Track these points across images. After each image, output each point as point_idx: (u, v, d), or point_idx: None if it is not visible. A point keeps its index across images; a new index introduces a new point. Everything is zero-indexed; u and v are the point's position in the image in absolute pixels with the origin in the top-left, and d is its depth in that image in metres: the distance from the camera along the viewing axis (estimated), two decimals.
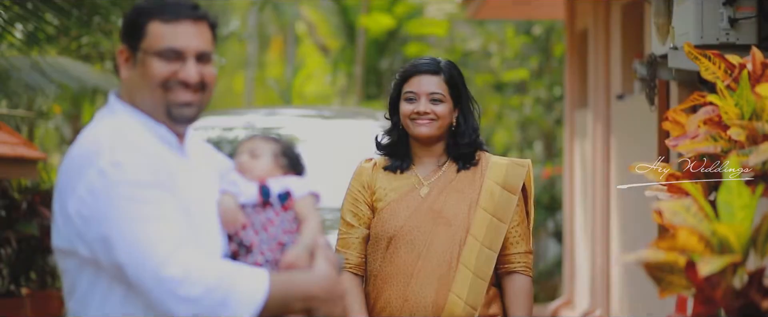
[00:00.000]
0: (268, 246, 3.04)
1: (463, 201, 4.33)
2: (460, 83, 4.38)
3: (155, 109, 3.05)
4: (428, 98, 4.32)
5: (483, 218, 4.31)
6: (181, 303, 2.82)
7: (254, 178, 3.17)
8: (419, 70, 4.37)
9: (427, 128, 4.32)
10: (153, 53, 3.03)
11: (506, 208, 4.33)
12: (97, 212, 2.87)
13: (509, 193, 4.35)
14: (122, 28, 3.06)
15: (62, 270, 3.02)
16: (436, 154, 4.41)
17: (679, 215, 2.72)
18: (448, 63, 4.41)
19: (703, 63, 3.43)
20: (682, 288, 2.74)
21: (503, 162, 4.40)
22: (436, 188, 4.35)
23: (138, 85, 3.05)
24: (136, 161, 2.91)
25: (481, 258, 4.29)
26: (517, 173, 4.38)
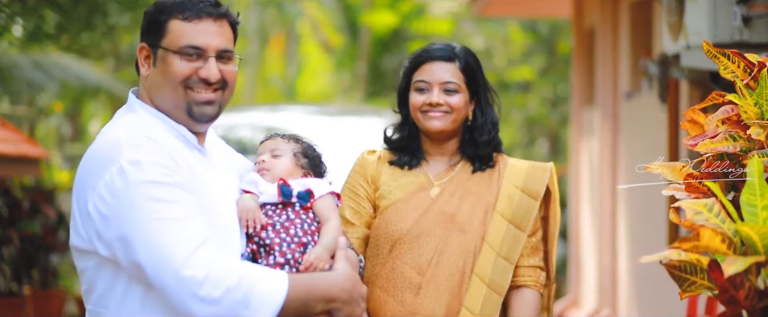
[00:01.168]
0: (289, 246, 3.02)
1: (478, 205, 3.92)
2: (477, 71, 3.95)
3: (176, 107, 3.03)
4: (441, 87, 3.88)
5: (500, 226, 3.91)
6: (201, 303, 2.80)
7: (274, 178, 3.14)
8: (432, 56, 3.93)
9: (439, 121, 3.88)
10: (174, 51, 3.01)
11: (526, 215, 3.93)
12: (117, 211, 2.84)
13: (530, 198, 3.95)
14: (143, 26, 3.04)
15: (80, 270, 2.99)
16: (449, 152, 3.99)
17: (702, 214, 2.69)
18: (464, 49, 3.97)
19: (721, 61, 3.39)
20: (705, 288, 2.71)
21: (523, 165, 4.00)
22: (448, 189, 3.93)
23: (158, 83, 3.02)
24: (156, 160, 2.88)
25: (497, 270, 3.88)
26: (538, 177, 3.98)
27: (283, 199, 3.10)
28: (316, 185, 3.14)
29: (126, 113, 3.06)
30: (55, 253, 11.84)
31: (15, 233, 11.09)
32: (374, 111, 10.63)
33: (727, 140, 3.24)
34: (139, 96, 3.09)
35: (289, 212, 3.09)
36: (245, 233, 3.04)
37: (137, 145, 2.90)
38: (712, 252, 2.66)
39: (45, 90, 12.20)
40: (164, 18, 3.02)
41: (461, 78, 3.91)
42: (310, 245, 3.04)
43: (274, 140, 3.24)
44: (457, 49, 3.95)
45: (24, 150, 10.43)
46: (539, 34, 16.88)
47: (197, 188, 2.94)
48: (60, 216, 11.90)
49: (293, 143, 3.23)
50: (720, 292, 2.65)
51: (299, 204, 3.11)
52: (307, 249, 3.03)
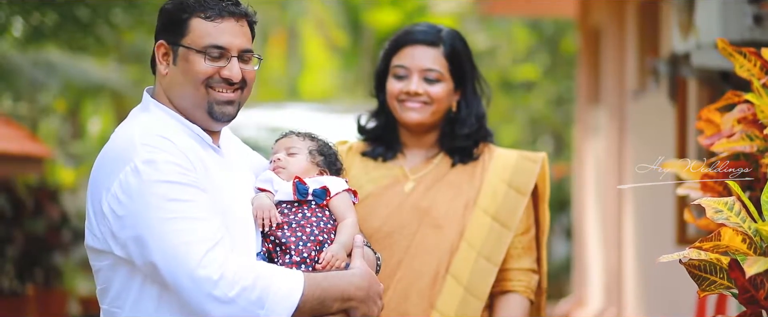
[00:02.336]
0: (305, 244, 2.99)
1: (457, 199, 3.55)
2: (465, 58, 3.57)
3: (196, 106, 3.01)
4: (422, 75, 3.52)
5: (482, 222, 3.52)
6: (216, 303, 2.78)
7: (290, 176, 3.12)
8: (413, 39, 3.55)
9: (417, 113, 3.53)
10: (197, 50, 2.99)
11: (512, 212, 3.54)
12: (131, 211, 2.83)
13: (517, 193, 3.57)
14: (162, 23, 3.02)
15: (95, 270, 2.97)
16: (428, 143, 3.64)
17: (722, 213, 2.67)
18: (451, 32, 3.58)
19: (737, 60, 3.38)
20: (724, 288, 2.70)
21: (512, 156, 3.62)
22: (423, 183, 3.58)
23: (179, 81, 3.01)
24: (170, 159, 2.86)
25: (477, 272, 3.49)
26: (527, 170, 3.60)
27: (299, 197, 3.07)
28: (332, 183, 3.12)
29: (140, 113, 3.04)
30: (59, 252, 11.84)
31: (19, 233, 11.08)
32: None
33: (744, 139, 3.23)
34: (153, 95, 3.06)
35: (304, 210, 3.06)
36: (261, 232, 3.01)
37: (152, 144, 2.88)
38: (732, 251, 2.65)
39: (47, 88, 12.20)
40: (186, 16, 3.00)
41: (445, 65, 3.54)
42: (327, 243, 3.02)
43: (289, 138, 3.21)
44: (443, 32, 3.57)
45: (28, 149, 10.42)
46: (543, 33, 16.87)
47: (212, 188, 2.92)
48: (64, 215, 11.89)
49: (309, 141, 3.20)
50: (740, 292, 2.64)
51: (315, 202, 3.08)
52: (324, 248, 3.00)
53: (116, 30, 11.75)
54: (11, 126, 11.02)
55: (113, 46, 13.82)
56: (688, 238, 6.57)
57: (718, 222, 2.64)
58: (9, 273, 11.17)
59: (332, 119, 15.21)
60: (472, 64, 3.62)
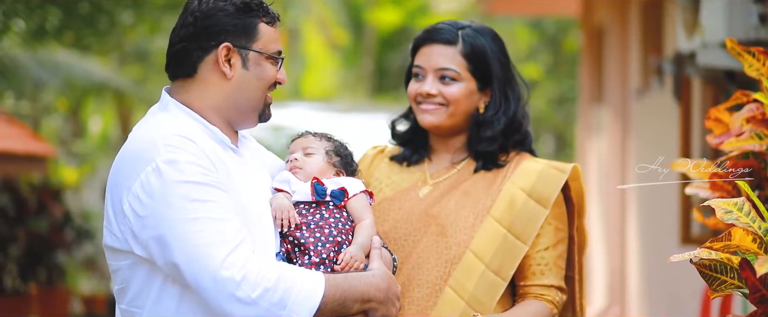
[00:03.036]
0: (324, 245, 2.99)
1: (469, 207, 3.31)
2: (491, 57, 3.34)
3: (253, 109, 3.03)
4: (437, 75, 3.33)
5: (493, 232, 3.27)
6: (238, 304, 2.78)
7: (307, 176, 3.11)
8: (430, 37, 3.36)
9: (432, 116, 3.34)
10: (267, 56, 3.02)
11: (529, 224, 3.28)
12: (153, 211, 2.82)
13: (536, 204, 3.30)
14: (223, 25, 2.97)
15: (113, 269, 2.96)
16: (454, 148, 3.42)
17: (731, 213, 2.67)
18: (474, 31, 3.36)
19: (746, 60, 3.37)
20: (734, 288, 2.70)
21: (537, 166, 3.35)
22: (439, 189, 3.37)
23: (250, 86, 3.01)
24: (192, 159, 2.85)
25: (482, 285, 3.24)
26: (551, 180, 3.32)
27: (317, 198, 3.07)
28: (350, 184, 3.12)
29: (159, 112, 3.02)
30: (62, 251, 11.85)
31: (22, 232, 11.09)
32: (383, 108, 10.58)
33: (753, 138, 3.22)
34: (172, 94, 3.04)
35: (322, 211, 3.06)
36: (279, 232, 3.01)
37: (173, 144, 2.87)
38: (742, 251, 2.65)
39: (49, 87, 12.21)
40: (255, 21, 3.01)
41: (463, 64, 3.33)
42: (345, 244, 3.02)
43: (306, 138, 3.21)
44: (465, 30, 3.36)
45: (31, 148, 10.43)
46: (545, 32, 16.88)
47: (233, 188, 2.91)
48: (66, 214, 11.90)
49: (325, 142, 3.20)
50: (751, 292, 2.64)
51: (333, 203, 3.08)
52: (342, 249, 3.00)
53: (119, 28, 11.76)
54: (14, 125, 11.03)
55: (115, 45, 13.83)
56: (692, 238, 6.57)
57: (727, 223, 2.64)
58: (12, 272, 11.19)
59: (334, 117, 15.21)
60: (503, 64, 3.36)
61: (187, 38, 2.98)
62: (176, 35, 3.01)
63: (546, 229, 3.31)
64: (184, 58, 2.99)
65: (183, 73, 3.01)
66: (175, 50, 3.01)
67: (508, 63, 3.40)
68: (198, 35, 2.97)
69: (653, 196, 8.39)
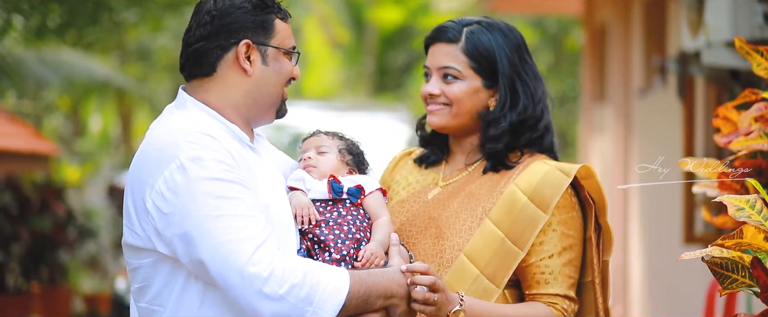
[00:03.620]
0: (343, 242, 3.00)
1: (469, 209, 3.19)
2: (499, 53, 3.21)
3: (272, 105, 3.04)
4: (439, 74, 3.23)
5: (490, 236, 3.13)
6: (266, 301, 2.78)
7: (322, 174, 3.12)
8: (434, 36, 3.27)
9: (436, 116, 3.23)
10: (284, 51, 3.04)
11: (526, 229, 3.12)
12: (178, 208, 2.82)
13: (536, 208, 3.13)
14: (242, 22, 2.98)
15: (133, 268, 2.95)
16: (468, 149, 3.30)
17: (743, 211, 2.67)
18: (481, 27, 3.24)
19: (755, 58, 3.37)
20: (746, 286, 2.70)
21: (544, 167, 3.18)
22: (447, 191, 3.26)
23: (270, 82, 3.02)
24: (216, 157, 2.86)
25: (475, 292, 3.11)
26: (554, 183, 3.14)
27: (334, 195, 3.08)
28: (366, 182, 3.12)
29: (176, 110, 3.02)
30: (64, 250, 11.86)
31: (24, 230, 11.09)
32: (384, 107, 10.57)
33: (762, 137, 3.23)
34: (189, 93, 3.04)
35: (339, 208, 3.07)
36: (299, 230, 3.02)
37: (196, 141, 2.87)
38: (754, 249, 2.65)
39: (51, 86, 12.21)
40: (272, 17, 3.03)
41: (465, 62, 3.21)
42: (364, 241, 3.03)
43: (318, 137, 3.21)
44: (470, 27, 3.24)
45: (34, 146, 10.43)
46: (546, 31, 16.88)
47: (254, 186, 2.92)
48: (69, 213, 11.90)
49: (338, 140, 3.21)
50: (762, 290, 2.64)
51: (349, 201, 3.09)
52: (361, 246, 3.01)
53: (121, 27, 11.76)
54: (17, 124, 11.03)
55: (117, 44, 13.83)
56: (695, 237, 6.57)
57: (739, 220, 2.64)
58: (14, 271, 11.19)
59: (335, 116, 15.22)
60: (511, 59, 3.22)
61: (205, 37, 2.98)
62: (192, 36, 3.00)
63: (550, 236, 3.14)
64: (202, 58, 2.99)
65: (202, 73, 3.01)
66: (192, 50, 3.00)
67: (520, 59, 3.25)
68: (216, 34, 2.97)
69: (656, 195, 8.40)
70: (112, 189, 14.29)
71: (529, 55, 3.30)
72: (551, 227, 3.15)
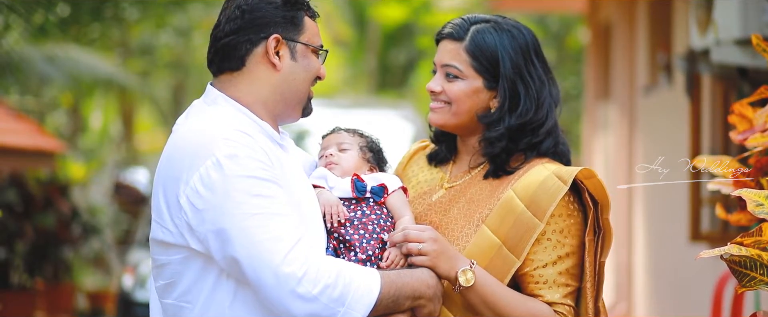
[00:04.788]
0: (368, 242, 2.99)
1: (468, 215, 3.13)
2: (501, 54, 3.11)
3: (299, 102, 3.04)
4: (443, 72, 3.17)
5: (487, 242, 3.05)
6: (299, 300, 2.77)
7: (344, 172, 3.11)
8: (442, 32, 3.21)
9: (436, 114, 3.16)
10: (313, 49, 3.04)
11: (522, 237, 3.04)
12: (213, 205, 2.81)
13: (532, 216, 3.05)
14: (271, 17, 2.98)
15: (160, 264, 2.94)
16: (472, 151, 3.22)
17: (763, 206, 2.67)
18: (488, 26, 3.16)
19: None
20: (764, 284, 2.70)
21: (543, 172, 3.09)
22: (449, 194, 3.19)
23: (299, 78, 3.02)
24: (251, 154, 2.85)
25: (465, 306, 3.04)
26: (550, 190, 3.05)
27: (357, 194, 3.06)
28: (389, 180, 3.11)
29: (207, 106, 3.01)
30: (68, 247, 11.86)
31: (29, 227, 11.09)
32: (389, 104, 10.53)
33: None
34: (218, 88, 3.03)
35: (363, 207, 3.06)
36: (326, 228, 3.02)
37: (232, 139, 2.86)
38: None
39: (54, 83, 12.21)
40: (300, 13, 3.03)
41: (467, 61, 3.13)
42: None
43: (338, 134, 3.20)
44: (474, 24, 3.17)
45: (39, 143, 10.43)
46: (549, 28, 16.88)
47: (286, 184, 2.91)
48: (74, 210, 11.90)
49: (358, 137, 3.19)
50: None
51: (373, 200, 3.08)
52: (385, 245, 3.00)
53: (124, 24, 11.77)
54: (21, 121, 11.03)
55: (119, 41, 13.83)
56: (701, 234, 6.57)
57: (759, 216, 2.64)
58: (19, 268, 11.19)
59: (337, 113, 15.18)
60: (515, 61, 3.12)
61: (234, 32, 2.97)
62: (222, 30, 2.99)
63: (544, 245, 3.05)
64: (232, 52, 2.98)
65: (230, 67, 3.00)
66: (221, 44, 2.99)
67: (526, 61, 3.14)
68: (246, 28, 2.97)
69: (661, 193, 8.40)
70: (116, 186, 14.31)
71: (540, 57, 3.20)
72: (546, 236, 3.06)
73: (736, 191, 2.77)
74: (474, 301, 3.00)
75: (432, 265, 2.96)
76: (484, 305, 3.00)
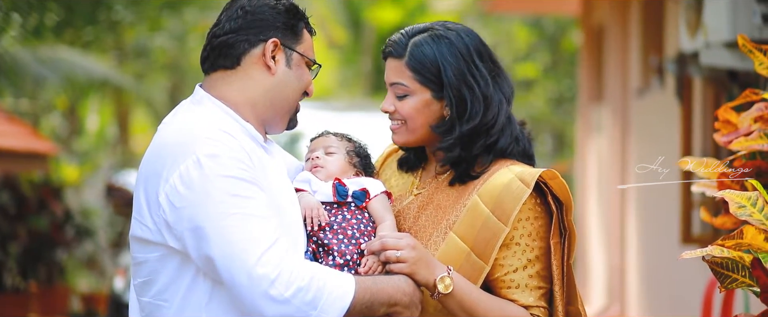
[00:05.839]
0: (347, 247, 3.00)
1: (435, 223, 3.12)
2: (441, 63, 3.07)
3: (287, 112, 3.06)
4: (392, 92, 3.13)
5: (455, 249, 3.03)
6: (271, 302, 2.78)
7: (328, 175, 3.12)
8: (385, 51, 3.17)
9: (396, 135, 3.14)
10: (307, 61, 3.06)
11: (489, 243, 3.01)
12: (192, 202, 2.82)
13: (498, 221, 3.02)
14: (273, 22, 3.00)
15: (138, 261, 2.95)
16: (438, 157, 3.19)
17: (745, 208, 2.68)
18: (426, 36, 3.11)
19: (757, 57, 3.38)
20: (746, 286, 2.71)
21: (507, 176, 3.06)
22: (417, 201, 3.17)
23: (290, 86, 3.04)
24: (233, 155, 2.86)
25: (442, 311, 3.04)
26: (514, 194, 3.02)
27: (339, 199, 3.07)
28: (371, 185, 3.11)
29: (193, 106, 3.02)
30: (62, 249, 11.86)
31: (22, 229, 11.10)
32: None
33: (762, 138, 3.23)
34: (206, 90, 3.05)
35: (344, 212, 3.06)
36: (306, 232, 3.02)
37: (214, 138, 2.87)
38: (754, 249, 2.66)
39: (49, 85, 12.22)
40: (301, 24, 3.06)
41: (411, 77, 3.09)
42: None
43: (326, 138, 3.21)
44: (412, 37, 3.13)
45: (32, 146, 10.43)
46: (544, 31, 16.89)
47: (268, 186, 2.92)
48: (67, 212, 11.91)
49: (346, 142, 3.20)
50: (762, 291, 2.65)
51: (354, 204, 3.08)
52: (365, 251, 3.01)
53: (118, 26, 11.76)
54: (15, 123, 11.04)
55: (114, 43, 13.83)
56: (693, 237, 6.58)
57: (741, 218, 2.65)
58: (12, 270, 11.19)
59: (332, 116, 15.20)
60: (457, 68, 3.08)
61: (234, 30, 3.00)
62: (221, 28, 3.02)
63: (514, 249, 3.04)
64: (228, 50, 3.00)
65: (225, 65, 3.02)
66: (219, 42, 3.01)
67: (469, 65, 3.09)
68: (246, 28, 3.00)
69: (654, 195, 8.41)
70: (110, 188, 14.31)
71: (484, 57, 3.14)
72: (514, 241, 3.05)
73: (719, 192, 2.78)
74: (452, 307, 3.00)
75: (410, 272, 2.96)
76: (462, 311, 3.00)
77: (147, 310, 2.97)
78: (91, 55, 13.02)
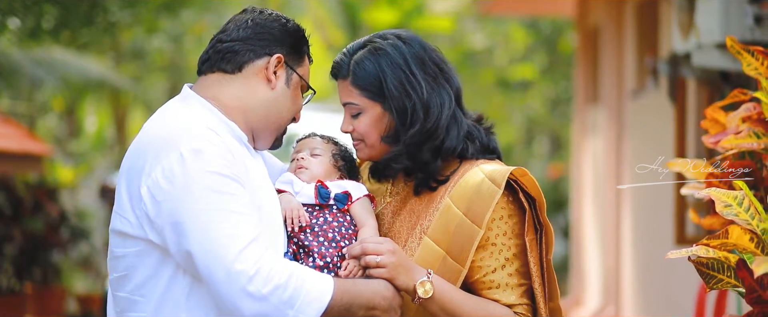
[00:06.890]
0: (327, 249, 3.00)
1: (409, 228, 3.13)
2: (382, 77, 3.09)
3: (275, 130, 3.09)
4: (346, 111, 3.16)
5: (431, 254, 3.03)
6: (248, 299, 2.78)
7: (311, 177, 3.13)
8: (332, 73, 3.20)
9: (360, 152, 3.17)
10: (303, 85, 3.11)
11: (465, 246, 3.01)
12: (173, 197, 2.83)
13: (472, 223, 3.03)
14: (281, 39, 3.05)
15: (116, 255, 2.94)
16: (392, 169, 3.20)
17: (731, 207, 2.68)
18: (365, 52, 3.13)
19: (745, 58, 3.38)
20: (731, 286, 2.71)
21: (477, 176, 3.07)
22: (392, 205, 3.20)
23: (283, 104, 3.07)
24: (216, 151, 2.88)
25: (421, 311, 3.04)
26: (486, 196, 3.03)
27: (321, 201, 3.08)
28: (353, 188, 3.12)
29: (179, 104, 3.04)
30: (57, 250, 11.85)
31: (18, 231, 11.09)
32: None
33: (751, 137, 3.23)
34: (195, 90, 3.06)
35: (326, 214, 3.07)
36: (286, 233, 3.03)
37: (198, 134, 2.89)
38: (740, 249, 2.66)
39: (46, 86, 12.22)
40: (305, 49, 3.11)
41: (358, 95, 3.12)
42: None
43: (313, 139, 3.22)
44: (352, 55, 3.16)
45: (27, 147, 10.43)
46: (541, 32, 16.90)
47: (250, 185, 2.93)
48: (62, 214, 11.90)
49: (332, 145, 3.21)
50: (747, 292, 2.65)
51: (336, 207, 3.09)
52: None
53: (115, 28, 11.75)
54: (10, 124, 11.04)
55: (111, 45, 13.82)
56: (687, 238, 6.59)
57: (727, 218, 2.65)
58: (7, 271, 11.19)
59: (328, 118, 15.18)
60: (399, 78, 3.10)
61: (241, 39, 3.03)
62: (228, 35, 3.05)
63: (490, 250, 3.05)
64: (232, 56, 3.03)
65: (225, 69, 3.04)
66: (223, 46, 3.04)
67: (407, 74, 3.10)
68: (254, 39, 3.04)
69: (648, 196, 8.41)
70: (104, 189, 14.30)
71: (425, 61, 3.14)
72: (490, 242, 3.05)
73: (705, 190, 2.78)
74: (434, 311, 3.01)
75: (390, 277, 2.97)
76: (445, 314, 3.01)
77: (122, 305, 2.96)
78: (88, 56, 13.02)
